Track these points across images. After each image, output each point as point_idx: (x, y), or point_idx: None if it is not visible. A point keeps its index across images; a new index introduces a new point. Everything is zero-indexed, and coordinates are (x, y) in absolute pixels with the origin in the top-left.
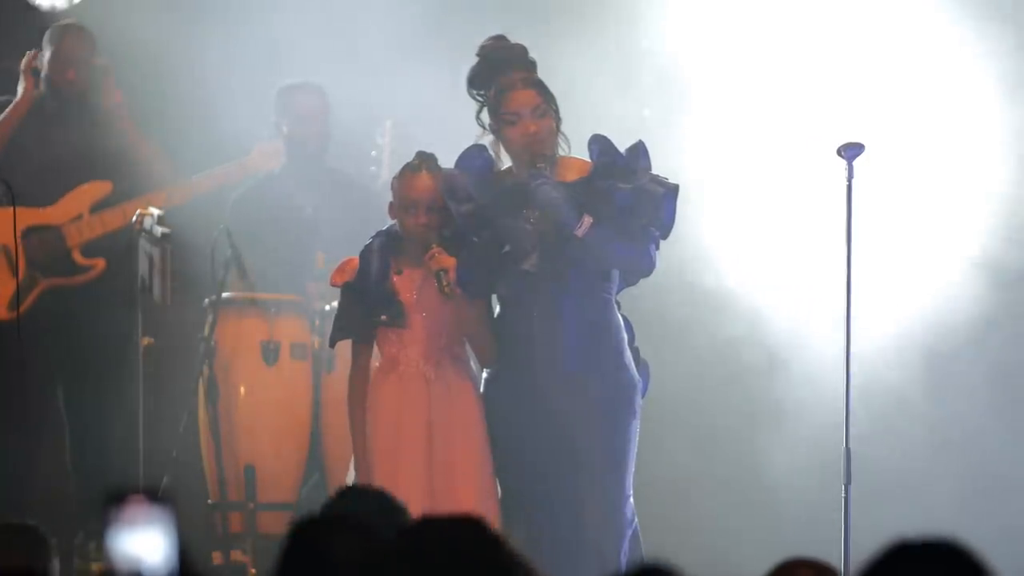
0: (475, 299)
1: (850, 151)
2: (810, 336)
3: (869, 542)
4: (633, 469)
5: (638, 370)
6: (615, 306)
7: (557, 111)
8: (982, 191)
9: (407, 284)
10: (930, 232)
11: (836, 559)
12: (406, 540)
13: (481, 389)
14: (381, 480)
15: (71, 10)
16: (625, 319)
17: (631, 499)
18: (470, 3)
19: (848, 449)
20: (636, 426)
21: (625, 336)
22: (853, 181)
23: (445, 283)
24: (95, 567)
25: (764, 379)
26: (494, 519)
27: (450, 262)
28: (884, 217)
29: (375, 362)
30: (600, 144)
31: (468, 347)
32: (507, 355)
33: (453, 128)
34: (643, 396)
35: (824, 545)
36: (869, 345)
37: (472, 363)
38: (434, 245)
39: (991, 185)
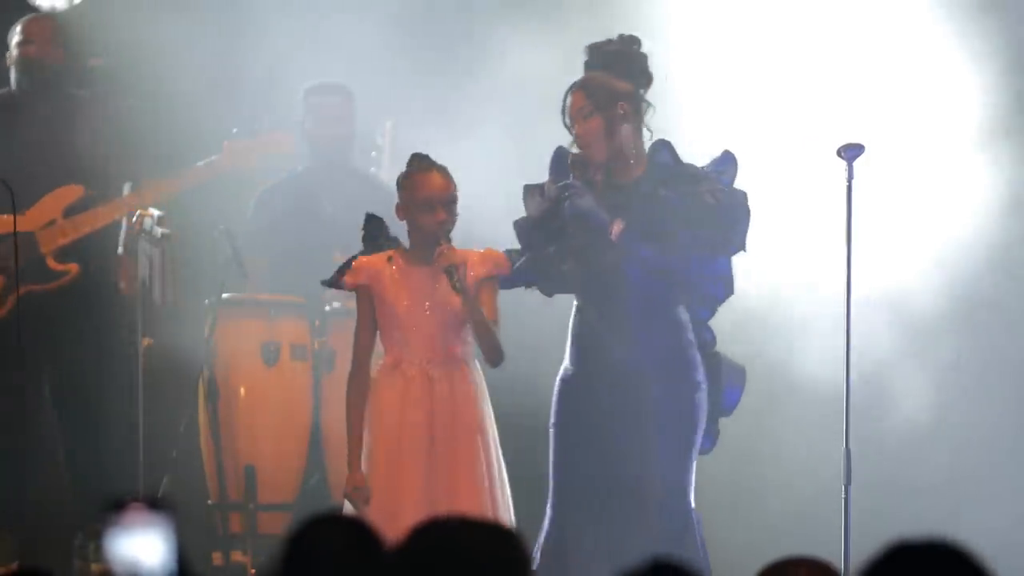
0: (484, 296)
1: (850, 151)
2: (810, 336)
3: (869, 542)
4: (693, 469)
5: (729, 375)
6: (675, 311)
7: (611, 109)
8: (982, 190)
9: (415, 283)
10: (930, 232)
11: (836, 559)
12: (431, 542)
13: (556, 386)
14: (382, 479)
15: (71, 10)
16: (708, 327)
17: (690, 499)
18: (471, 3)
19: (848, 449)
20: (694, 429)
21: (689, 339)
22: (853, 181)
23: (456, 279)
24: (95, 568)
25: (763, 379)
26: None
27: (460, 258)
28: (884, 217)
29: (378, 361)
30: (657, 149)
31: (469, 350)
32: (575, 355)
33: (454, 129)
34: (736, 401)
35: (824, 545)
36: (869, 345)
37: (475, 366)
38: (443, 242)
39: (991, 184)
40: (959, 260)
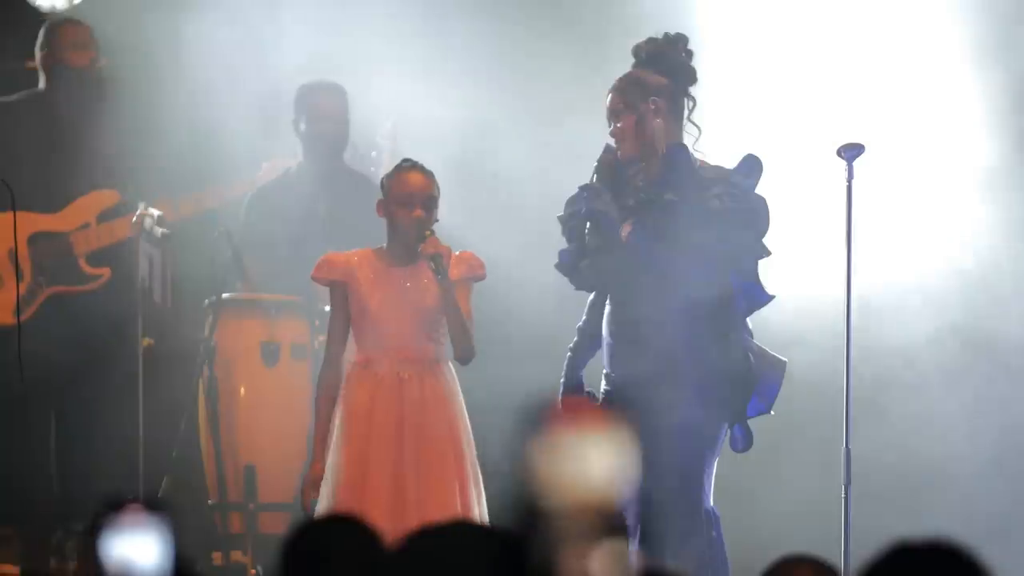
0: (462, 287)
1: (850, 151)
2: (810, 336)
3: (870, 543)
4: (709, 472)
5: (768, 371)
6: (692, 313)
7: (642, 105)
8: (982, 190)
9: (389, 282)
10: (930, 232)
11: (836, 560)
12: (422, 545)
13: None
14: (349, 478)
15: (71, 10)
16: (744, 323)
17: (702, 500)
18: (471, 3)
19: (848, 449)
20: (706, 432)
21: (706, 343)
22: (853, 181)
23: (439, 266)
24: (73, 566)
25: None
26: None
27: (445, 247)
28: (884, 217)
29: (350, 357)
30: (671, 152)
31: (442, 350)
32: (604, 354)
33: (453, 128)
34: (768, 399)
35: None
36: (869, 344)
37: (448, 366)
38: (428, 234)
39: (991, 184)
40: (960, 258)
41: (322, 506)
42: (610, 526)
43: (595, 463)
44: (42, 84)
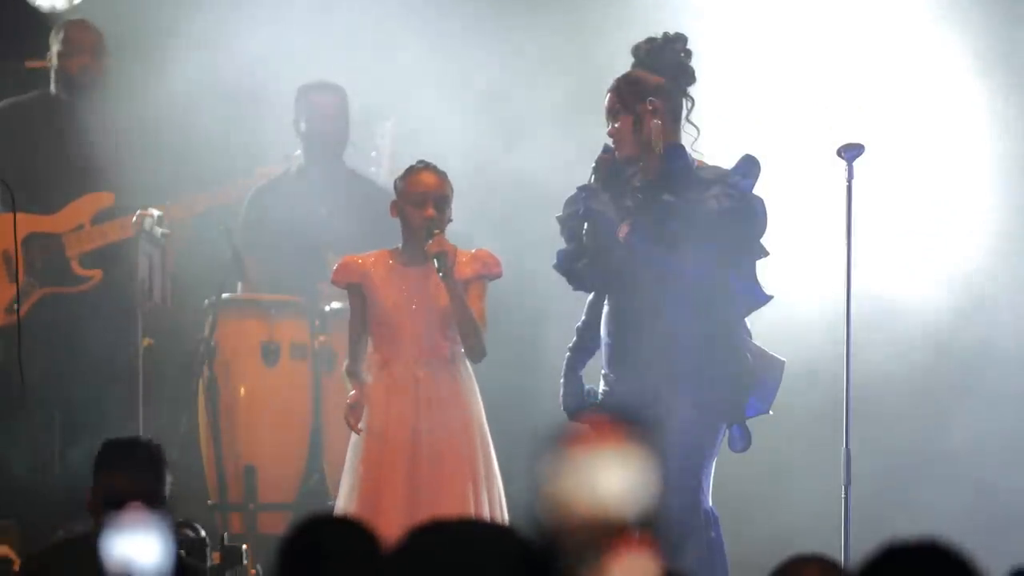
0: (476, 287)
1: (850, 151)
2: (810, 336)
3: (870, 543)
4: (708, 472)
5: (766, 372)
6: (690, 313)
7: (638, 106)
8: (982, 190)
9: (404, 282)
10: (930, 232)
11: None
12: (423, 543)
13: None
14: (365, 475)
15: (71, 11)
16: (743, 324)
17: (701, 500)
18: (470, 2)
19: (848, 449)
20: (705, 432)
21: (705, 343)
22: (853, 181)
23: (443, 266)
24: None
25: None
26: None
27: (451, 247)
28: (884, 217)
29: (370, 358)
30: (669, 152)
31: (458, 349)
32: (603, 354)
33: (454, 127)
34: (767, 400)
35: (824, 546)
36: (869, 346)
37: (464, 365)
38: (436, 233)
39: (991, 184)
40: (960, 258)
41: (341, 504)
42: (640, 540)
43: (611, 479)
44: (52, 86)
